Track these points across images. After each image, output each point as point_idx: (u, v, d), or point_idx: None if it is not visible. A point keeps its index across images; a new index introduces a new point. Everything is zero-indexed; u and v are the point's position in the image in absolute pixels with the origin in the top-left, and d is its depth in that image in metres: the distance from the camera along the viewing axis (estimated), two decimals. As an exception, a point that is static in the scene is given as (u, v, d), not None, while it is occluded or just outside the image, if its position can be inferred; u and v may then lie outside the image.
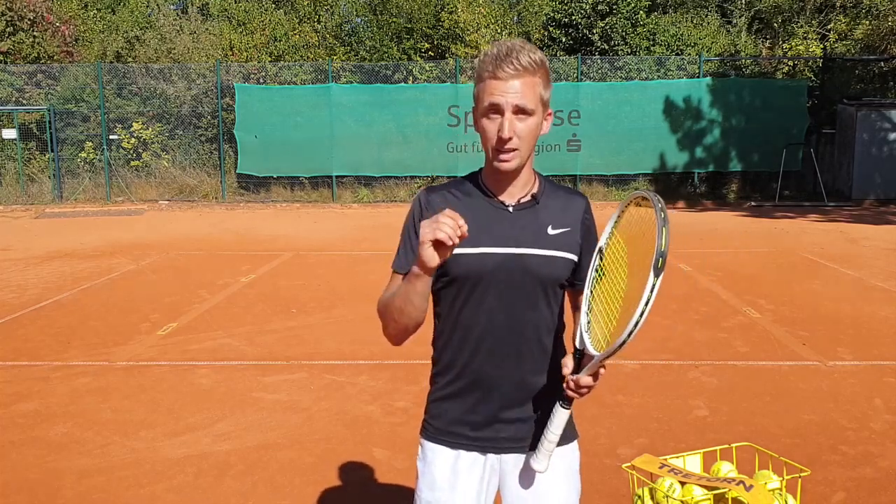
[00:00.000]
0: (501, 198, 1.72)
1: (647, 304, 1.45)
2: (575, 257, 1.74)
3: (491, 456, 1.76)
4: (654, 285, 1.44)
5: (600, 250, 1.69)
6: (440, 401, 1.79)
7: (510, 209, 1.71)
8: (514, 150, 1.63)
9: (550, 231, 1.71)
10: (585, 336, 1.63)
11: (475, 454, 1.76)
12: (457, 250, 1.59)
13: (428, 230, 1.48)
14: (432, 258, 1.49)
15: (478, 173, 1.77)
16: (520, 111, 1.61)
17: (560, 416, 1.65)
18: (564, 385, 1.64)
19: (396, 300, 1.64)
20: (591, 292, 1.68)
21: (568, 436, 1.77)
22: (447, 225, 1.46)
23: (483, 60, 1.63)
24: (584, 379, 1.60)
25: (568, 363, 1.65)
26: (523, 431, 1.75)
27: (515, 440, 1.76)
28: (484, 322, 1.71)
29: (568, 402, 1.65)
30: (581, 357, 1.62)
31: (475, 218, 1.64)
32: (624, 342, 1.48)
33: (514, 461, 1.77)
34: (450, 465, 1.75)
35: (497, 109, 1.61)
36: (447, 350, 1.77)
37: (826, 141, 16.30)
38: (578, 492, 1.84)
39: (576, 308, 1.84)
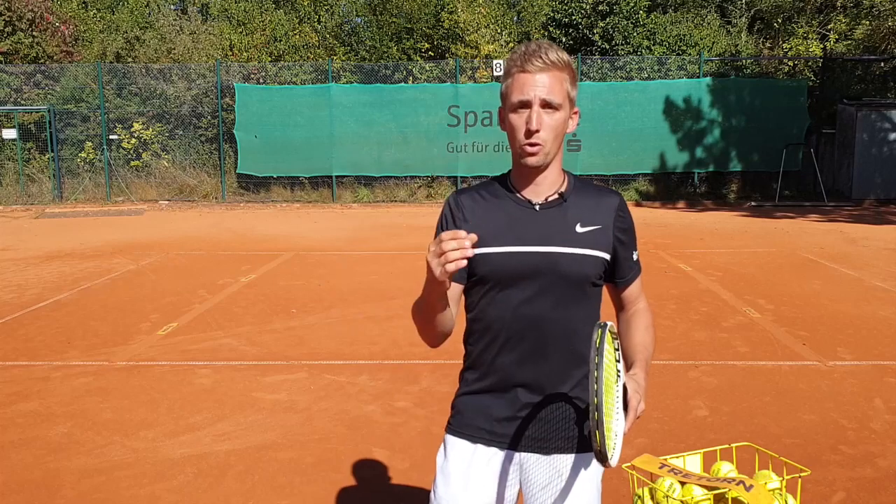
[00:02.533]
0: (528, 196, 1.70)
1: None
2: (607, 255, 1.71)
3: (511, 452, 1.75)
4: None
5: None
6: (465, 395, 1.78)
7: (536, 207, 1.69)
8: (539, 144, 1.62)
9: (579, 229, 1.68)
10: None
11: (494, 449, 1.74)
12: (484, 249, 1.63)
13: (435, 260, 1.41)
14: (440, 280, 1.45)
15: (507, 174, 1.77)
16: (547, 105, 1.61)
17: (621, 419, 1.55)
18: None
19: (419, 305, 1.64)
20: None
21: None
22: (449, 252, 1.39)
23: (512, 57, 1.64)
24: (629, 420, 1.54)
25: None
26: (545, 431, 1.73)
27: (536, 439, 1.74)
28: (510, 320, 1.69)
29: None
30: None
31: (502, 217, 1.68)
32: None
33: (535, 461, 1.75)
34: (466, 458, 1.74)
35: (525, 104, 1.62)
36: (475, 347, 1.76)
37: (826, 141, 16.29)
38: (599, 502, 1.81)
39: (619, 306, 1.82)
